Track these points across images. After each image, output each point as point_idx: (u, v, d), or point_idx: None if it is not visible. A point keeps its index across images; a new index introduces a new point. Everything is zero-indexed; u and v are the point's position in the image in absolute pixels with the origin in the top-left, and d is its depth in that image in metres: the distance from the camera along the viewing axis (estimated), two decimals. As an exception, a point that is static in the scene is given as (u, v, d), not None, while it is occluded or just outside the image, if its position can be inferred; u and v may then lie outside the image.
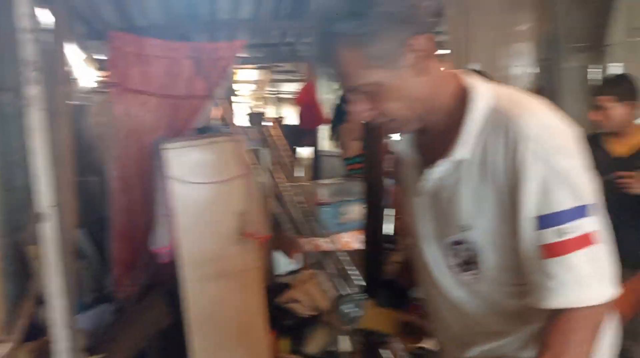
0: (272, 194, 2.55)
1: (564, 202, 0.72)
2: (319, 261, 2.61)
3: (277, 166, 2.66)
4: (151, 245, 2.12)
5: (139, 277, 2.39)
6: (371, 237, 1.90)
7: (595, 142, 2.15)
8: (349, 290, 1.11)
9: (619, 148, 2.06)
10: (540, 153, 0.72)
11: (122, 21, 3.86)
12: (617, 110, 2.01)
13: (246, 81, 6.46)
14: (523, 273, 0.76)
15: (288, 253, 2.71)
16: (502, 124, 0.75)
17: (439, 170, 0.82)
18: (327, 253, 2.64)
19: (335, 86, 0.83)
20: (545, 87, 3.90)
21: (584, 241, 0.71)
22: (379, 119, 0.81)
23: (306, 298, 2.34)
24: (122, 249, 2.57)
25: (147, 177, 2.57)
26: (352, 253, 3.58)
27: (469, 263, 0.83)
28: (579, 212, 0.72)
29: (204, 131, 3.01)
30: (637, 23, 3.38)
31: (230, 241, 2.13)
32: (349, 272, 2.37)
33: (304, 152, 5.29)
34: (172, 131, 3.40)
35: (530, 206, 0.73)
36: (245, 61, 5.16)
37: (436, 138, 0.84)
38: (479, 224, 0.79)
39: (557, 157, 0.72)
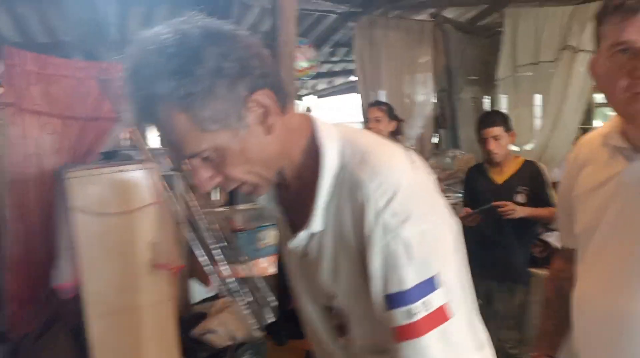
0: (186, 222, 2.51)
1: (409, 280, 0.66)
2: (236, 288, 2.61)
3: (191, 192, 2.63)
4: (53, 280, 1.99)
5: (37, 314, 2.22)
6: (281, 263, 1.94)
7: (481, 171, 2.40)
8: (249, 335, 1.10)
9: (499, 176, 2.32)
10: (385, 224, 0.66)
11: (20, 36, 3.61)
12: (505, 140, 2.28)
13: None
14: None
15: (204, 281, 2.67)
16: (350, 188, 0.69)
17: (299, 240, 0.77)
18: (244, 280, 2.65)
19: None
20: (444, 114, 4.28)
21: (436, 318, 0.66)
22: (227, 185, 0.73)
23: (222, 328, 2.32)
24: (18, 283, 2.37)
25: (47, 205, 2.41)
26: (270, 278, 3.60)
27: (341, 327, 0.80)
28: (427, 287, 0.66)
29: (111, 156, 2.90)
30: (519, 61, 3.83)
31: (141, 273, 2.06)
32: (266, 299, 2.40)
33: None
34: (76, 155, 3.22)
35: (377, 284, 0.68)
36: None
37: (295, 197, 0.78)
38: (340, 293, 0.76)
39: (402, 227, 0.66)
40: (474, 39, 4.42)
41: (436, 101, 4.29)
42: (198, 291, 2.75)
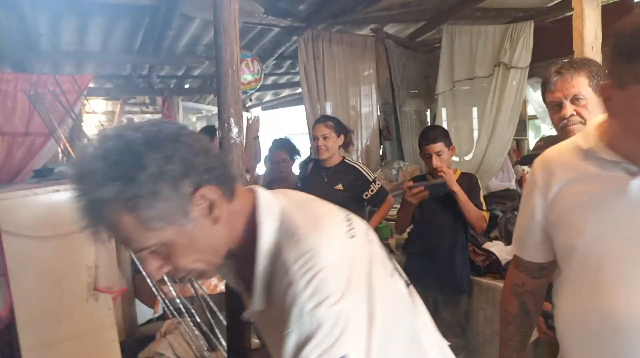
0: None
1: None
2: (184, 308, 2.52)
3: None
4: (-19, 311, 1.84)
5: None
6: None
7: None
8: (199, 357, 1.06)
9: None
10: (302, 304, 0.66)
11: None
12: (446, 155, 2.37)
13: (93, 112, 5.98)
14: None
15: (150, 302, 2.56)
16: (279, 268, 0.71)
17: (251, 312, 0.80)
18: (192, 299, 2.57)
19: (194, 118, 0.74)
20: (388, 127, 4.40)
21: None
22: (176, 275, 0.76)
23: (170, 351, 2.23)
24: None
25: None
26: (219, 296, 3.51)
27: None
28: None
29: (45, 174, 2.73)
30: (457, 76, 4.02)
31: (79, 299, 1.95)
32: (218, 317, 2.34)
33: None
34: (5, 173, 3.02)
35: None
36: (93, 92, 4.81)
37: (245, 273, 0.80)
38: None
39: (318, 308, 0.66)
40: (414, 54, 4.59)
41: (380, 113, 4.40)
42: (144, 313, 2.63)
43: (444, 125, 4.36)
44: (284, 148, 3.27)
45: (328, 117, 2.79)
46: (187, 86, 5.41)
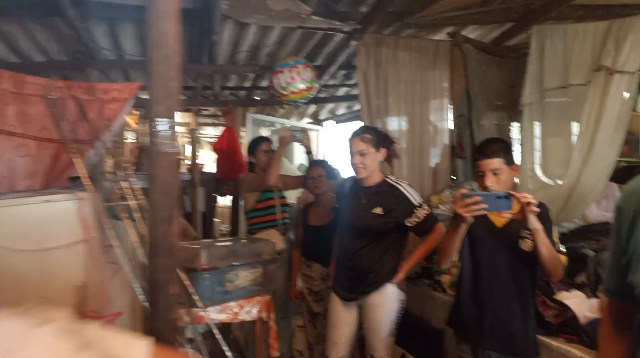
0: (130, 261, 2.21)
1: None
2: (196, 336, 2.28)
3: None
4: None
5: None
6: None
7: None
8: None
9: (499, 218, 1.89)
10: None
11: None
12: (506, 175, 1.87)
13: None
14: None
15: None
16: None
17: None
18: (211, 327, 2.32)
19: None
20: (461, 143, 3.85)
21: None
22: None
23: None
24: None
25: None
26: (243, 325, 3.25)
27: None
28: None
29: (77, 180, 2.69)
30: (547, 84, 3.38)
31: (62, 322, 1.77)
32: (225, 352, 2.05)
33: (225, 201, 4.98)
34: (50, 179, 3.05)
35: None
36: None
37: None
38: None
39: None
40: (498, 61, 4.00)
41: (454, 128, 3.87)
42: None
43: (536, 143, 3.72)
44: (321, 165, 2.97)
45: (366, 129, 2.40)
46: (257, 98, 5.30)
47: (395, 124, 3.65)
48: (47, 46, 3.51)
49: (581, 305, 1.91)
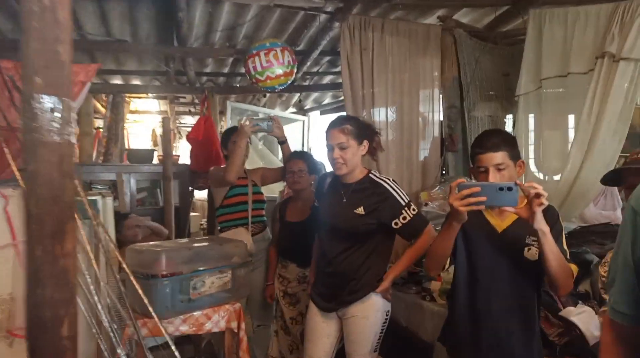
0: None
1: None
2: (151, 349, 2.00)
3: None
4: None
5: None
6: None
7: (476, 214, 1.73)
8: None
9: (500, 221, 1.65)
10: None
11: None
12: (510, 171, 1.61)
13: (148, 111, 5.82)
14: None
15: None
16: None
17: None
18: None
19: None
20: (452, 136, 3.61)
21: None
22: None
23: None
24: None
25: None
26: (212, 336, 2.97)
27: None
28: None
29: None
30: (545, 73, 3.13)
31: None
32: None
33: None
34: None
35: None
36: (135, 89, 4.56)
37: None
38: None
39: None
40: (491, 48, 3.74)
41: (444, 119, 3.61)
42: None
43: (530, 136, 3.49)
44: (302, 158, 2.69)
45: (346, 119, 2.12)
46: (237, 85, 4.99)
47: (382, 115, 3.40)
48: (1, 25, 3.17)
49: (589, 321, 1.67)
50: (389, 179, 2.09)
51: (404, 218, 2.01)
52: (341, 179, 2.12)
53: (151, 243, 2.58)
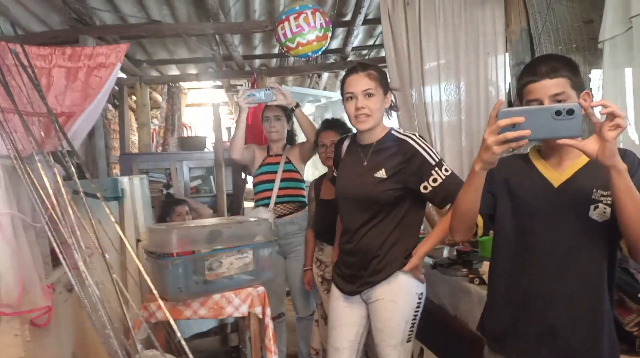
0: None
1: None
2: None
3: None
4: None
5: None
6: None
7: (526, 165, 1.35)
8: None
9: (557, 173, 1.26)
10: None
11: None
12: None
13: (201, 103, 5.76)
14: None
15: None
16: None
17: None
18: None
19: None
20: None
21: None
22: None
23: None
24: None
25: None
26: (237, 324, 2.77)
27: None
28: None
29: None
30: (634, 9, 2.53)
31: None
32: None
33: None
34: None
35: None
36: (189, 77, 4.55)
37: None
38: None
39: None
40: (568, -9, 3.15)
41: (512, 79, 3.11)
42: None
43: (626, 94, 2.87)
44: (333, 128, 2.40)
45: (368, 65, 1.79)
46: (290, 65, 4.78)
47: (433, 77, 2.98)
48: (45, 17, 3.27)
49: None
50: (414, 135, 1.74)
51: (435, 181, 1.66)
52: (360, 141, 1.82)
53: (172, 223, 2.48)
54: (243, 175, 4.39)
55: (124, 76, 4.33)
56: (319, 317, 2.55)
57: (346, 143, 1.93)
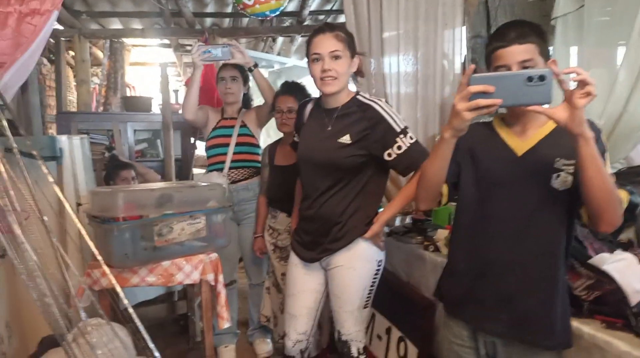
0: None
1: None
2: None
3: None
4: None
5: None
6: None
7: (489, 133, 1.36)
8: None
9: (520, 142, 1.28)
10: None
11: None
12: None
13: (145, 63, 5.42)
14: None
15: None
16: None
17: None
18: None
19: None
20: (479, 69, 3.12)
21: None
22: None
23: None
24: None
25: None
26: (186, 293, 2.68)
27: None
28: None
29: None
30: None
31: None
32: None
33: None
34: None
35: None
36: (133, 33, 4.24)
37: None
38: None
39: None
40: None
41: (467, 52, 3.13)
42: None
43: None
44: (292, 92, 2.31)
45: (336, 26, 1.72)
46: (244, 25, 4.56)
47: (392, 46, 2.94)
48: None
49: (629, 272, 1.27)
50: (380, 101, 1.70)
51: (399, 148, 1.64)
52: (324, 104, 1.76)
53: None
54: (193, 140, 4.22)
55: (60, 27, 3.97)
56: (270, 285, 2.52)
57: (309, 106, 1.87)
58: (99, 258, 1.58)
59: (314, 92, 2.61)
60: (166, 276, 2.01)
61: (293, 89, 2.39)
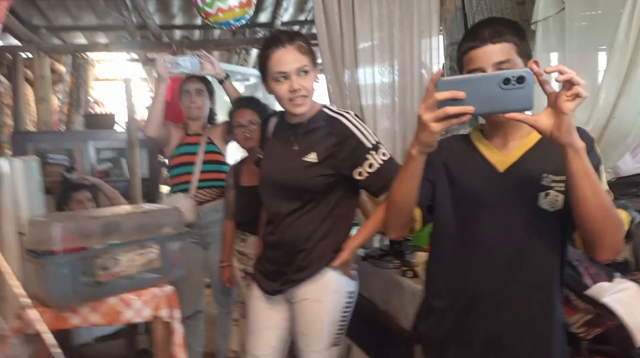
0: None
1: None
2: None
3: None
4: None
5: None
6: None
7: (468, 147, 1.18)
8: None
9: (502, 157, 1.11)
10: None
11: None
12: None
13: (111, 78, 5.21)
14: None
15: None
16: None
17: None
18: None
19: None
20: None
21: None
22: None
23: None
24: None
25: None
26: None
27: None
28: None
29: None
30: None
31: None
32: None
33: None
34: None
35: None
36: (97, 47, 4.04)
37: None
38: None
39: None
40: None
41: (445, 60, 3.00)
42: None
43: (553, 82, 2.84)
44: (248, 106, 2.13)
45: (295, 34, 1.54)
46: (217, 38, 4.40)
47: (366, 55, 2.79)
48: None
49: (634, 304, 1.10)
50: (349, 113, 1.52)
51: (371, 166, 1.46)
52: (289, 120, 1.57)
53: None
54: (161, 158, 4.00)
55: (17, 43, 3.75)
56: (238, 316, 2.30)
57: (272, 121, 1.68)
58: (23, 300, 1.36)
59: (271, 104, 2.44)
60: (112, 315, 1.78)
61: (249, 103, 2.25)
